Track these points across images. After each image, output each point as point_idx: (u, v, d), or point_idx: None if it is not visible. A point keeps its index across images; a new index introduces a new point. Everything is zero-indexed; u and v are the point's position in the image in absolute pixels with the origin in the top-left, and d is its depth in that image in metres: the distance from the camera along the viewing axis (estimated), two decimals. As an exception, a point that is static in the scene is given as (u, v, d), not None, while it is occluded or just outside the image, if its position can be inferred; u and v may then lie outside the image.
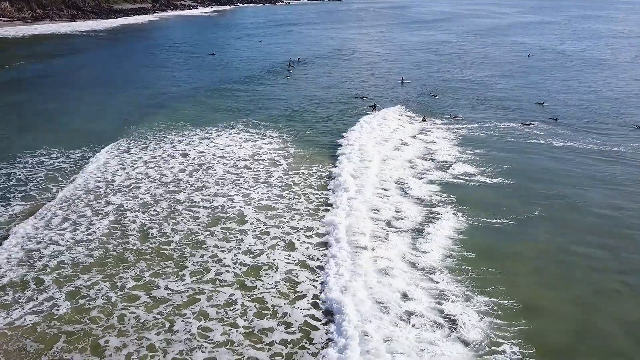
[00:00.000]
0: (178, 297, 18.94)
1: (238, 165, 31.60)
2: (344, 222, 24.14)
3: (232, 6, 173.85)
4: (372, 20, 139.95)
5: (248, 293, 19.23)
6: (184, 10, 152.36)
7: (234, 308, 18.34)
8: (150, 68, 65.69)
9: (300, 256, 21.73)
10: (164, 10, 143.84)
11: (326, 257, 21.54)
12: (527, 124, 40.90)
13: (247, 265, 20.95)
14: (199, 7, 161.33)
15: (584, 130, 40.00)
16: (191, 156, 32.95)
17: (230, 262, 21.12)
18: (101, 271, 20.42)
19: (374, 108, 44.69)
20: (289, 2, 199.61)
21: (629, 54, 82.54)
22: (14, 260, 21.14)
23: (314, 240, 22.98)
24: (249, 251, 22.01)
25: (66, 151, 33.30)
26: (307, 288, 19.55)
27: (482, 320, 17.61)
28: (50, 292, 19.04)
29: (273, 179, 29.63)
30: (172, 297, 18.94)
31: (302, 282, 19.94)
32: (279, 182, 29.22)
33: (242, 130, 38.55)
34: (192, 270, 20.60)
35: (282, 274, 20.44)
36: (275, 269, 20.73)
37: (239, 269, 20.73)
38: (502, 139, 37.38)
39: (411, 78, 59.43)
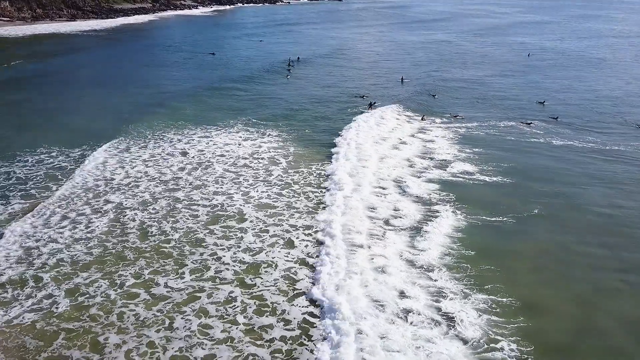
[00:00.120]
0: (178, 294, 18.98)
1: (237, 163, 31.61)
2: (339, 220, 24.10)
3: (232, 6, 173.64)
4: (372, 20, 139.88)
5: (247, 290, 19.26)
6: (184, 10, 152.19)
7: (234, 305, 18.39)
8: (150, 67, 65.71)
9: (299, 254, 21.77)
10: (164, 10, 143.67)
11: (320, 255, 21.50)
12: (528, 123, 40.89)
13: (247, 263, 20.98)
14: (199, 7, 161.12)
15: (584, 129, 39.99)
16: (191, 155, 32.97)
17: (229, 260, 21.16)
18: (100, 269, 20.46)
19: (370, 106, 44.73)
20: (289, 2, 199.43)
21: (629, 54, 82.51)
22: (13, 258, 21.16)
23: (313, 238, 23.01)
24: (249, 249, 22.04)
25: (66, 150, 33.32)
26: (306, 285, 19.58)
27: (480, 318, 17.64)
28: (50, 290, 19.07)
29: (272, 177, 29.65)
30: (172, 294, 18.97)
31: (301, 279, 19.98)
32: (278, 180, 29.24)
33: (241, 129, 38.56)
34: (191, 268, 20.63)
35: (281, 271, 20.49)
36: (274, 267, 20.77)
37: (238, 266, 20.77)
38: (501, 138, 37.39)
39: (411, 77, 59.41)
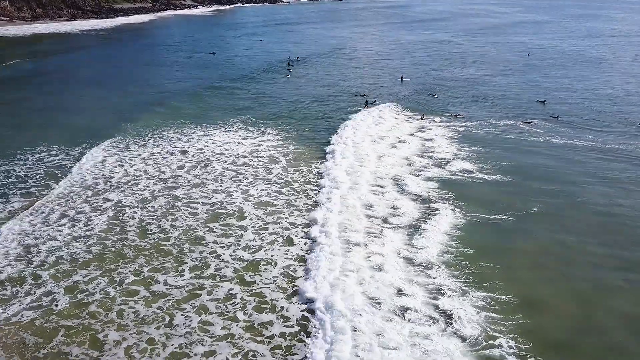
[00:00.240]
0: (177, 292, 18.99)
1: (237, 162, 31.62)
2: (335, 218, 24.04)
3: (232, 6, 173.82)
4: (371, 19, 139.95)
5: (247, 288, 19.29)
6: (184, 9, 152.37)
7: (234, 302, 18.42)
8: (150, 67, 65.73)
9: (298, 251, 21.79)
10: (164, 10, 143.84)
11: (314, 253, 21.43)
12: (528, 122, 40.91)
13: (246, 261, 21.00)
14: (199, 7, 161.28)
15: (584, 128, 40.00)
16: (190, 153, 32.97)
17: (229, 258, 21.17)
18: (100, 267, 20.47)
19: (366, 105, 44.73)
20: (289, 2, 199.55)
21: (628, 53, 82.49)
22: (12, 255, 21.18)
23: (311, 236, 22.90)
24: (248, 247, 22.06)
25: (66, 148, 33.33)
26: (305, 283, 19.53)
27: (478, 315, 17.64)
28: (49, 287, 19.08)
29: (272, 175, 29.66)
30: (172, 292, 18.99)
31: (300, 277, 19.99)
32: (278, 178, 29.25)
33: (241, 128, 38.58)
34: (191, 265, 20.65)
35: (281, 269, 20.51)
36: (273, 264, 20.79)
37: (238, 264, 20.78)
38: (501, 137, 37.38)
39: (411, 76, 59.42)
